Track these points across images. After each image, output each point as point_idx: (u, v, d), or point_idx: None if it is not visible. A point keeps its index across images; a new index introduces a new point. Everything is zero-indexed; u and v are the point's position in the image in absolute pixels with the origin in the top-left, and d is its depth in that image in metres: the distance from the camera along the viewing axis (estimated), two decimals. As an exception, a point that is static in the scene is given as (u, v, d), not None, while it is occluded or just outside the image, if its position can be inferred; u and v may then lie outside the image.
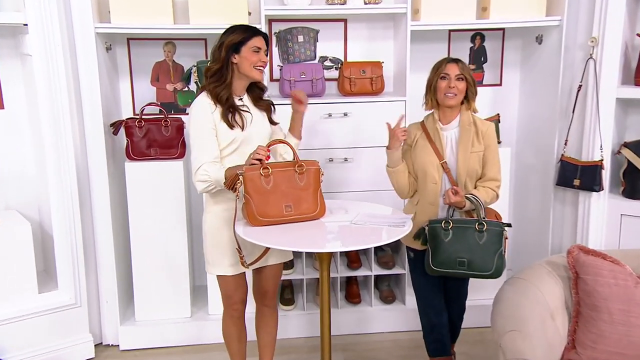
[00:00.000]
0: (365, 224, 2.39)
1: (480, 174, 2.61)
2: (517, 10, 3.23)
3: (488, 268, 2.48)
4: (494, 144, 2.61)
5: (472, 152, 2.56)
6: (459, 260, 2.48)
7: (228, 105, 2.44)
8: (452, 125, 2.60)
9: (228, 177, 2.34)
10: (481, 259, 2.47)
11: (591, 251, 2.47)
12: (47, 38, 2.90)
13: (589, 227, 3.17)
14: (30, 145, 3.26)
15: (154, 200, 3.21)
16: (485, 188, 2.59)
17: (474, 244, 2.47)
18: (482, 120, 2.63)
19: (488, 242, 2.47)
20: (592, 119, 3.09)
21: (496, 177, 2.61)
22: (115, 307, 3.26)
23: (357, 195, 3.32)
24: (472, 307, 3.28)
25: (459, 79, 2.53)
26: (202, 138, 2.42)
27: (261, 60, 2.45)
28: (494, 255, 2.47)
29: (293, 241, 2.30)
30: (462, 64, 2.55)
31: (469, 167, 2.57)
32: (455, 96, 2.54)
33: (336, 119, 3.27)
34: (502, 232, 2.48)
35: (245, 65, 2.44)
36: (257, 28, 2.49)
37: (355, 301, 3.50)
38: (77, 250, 3.10)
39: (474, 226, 2.48)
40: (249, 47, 2.42)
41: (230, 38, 2.42)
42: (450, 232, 2.48)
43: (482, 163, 2.59)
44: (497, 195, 2.63)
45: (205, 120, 2.42)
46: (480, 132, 2.58)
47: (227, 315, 2.67)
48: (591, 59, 3.06)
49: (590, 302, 2.40)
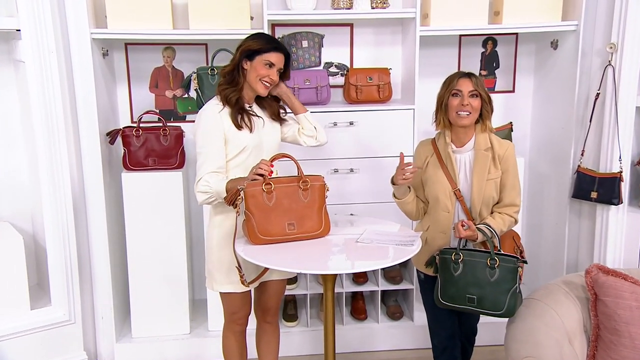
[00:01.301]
0: (372, 242, 2.29)
1: (497, 199, 2.44)
2: (531, 14, 3.14)
3: (499, 308, 2.31)
4: (514, 167, 2.41)
5: (489, 180, 2.38)
6: (469, 296, 2.32)
7: (238, 108, 2.37)
8: (466, 148, 2.41)
9: (229, 190, 2.25)
10: (492, 296, 2.30)
11: (611, 271, 2.38)
12: (41, 44, 2.80)
13: (606, 243, 3.07)
14: (24, 155, 3.18)
15: (152, 212, 3.13)
16: (501, 215, 2.42)
17: (485, 281, 2.30)
18: (500, 142, 2.43)
19: (500, 279, 2.29)
20: (610, 129, 2.99)
21: (514, 202, 2.42)
22: (111, 323, 3.18)
23: (363, 207, 3.25)
24: (484, 324, 3.19)
25: (472, 95, 2.34)
26: (208, 145, 2.33)
27: (269, 76, 2.36)
28: (507, 293, 2.29)
29: (295, 261, 2.20)
30: (476, 78, 2.37)
31: (484, 196, 2.39)
32: (469, 115, 2.34)
33: (342, 128, 3.19)
34: (516, 269, 2.29)
35: (252, 75, 2.37)
36: (282, 45, 2.41)
37: (361, 317, 3.41)
38: (72, 264, 3.01)
39: (485, 261, 2.30)
40: (263, 59, 2.35)
41: (249, 44, 2.36)
42: (460, 266, 2.32)
43: (499, 188, 2.42)
44: (516, 220, 2.45)
45: (213, 126, 2.34)
46: (497, 156, 2.39)
47: (228, 330, 2.59)
48: (610, 66, 2.96)
49: (610, 325, 2.31)
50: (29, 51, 2.79)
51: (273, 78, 2.37)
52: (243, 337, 2.61)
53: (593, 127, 3.07)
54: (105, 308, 3.16)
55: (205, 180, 2.29)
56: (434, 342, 2.66)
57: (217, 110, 2.36)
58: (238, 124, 2.34)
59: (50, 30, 2.80)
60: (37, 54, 2.80)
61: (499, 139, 2.45)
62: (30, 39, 2.77)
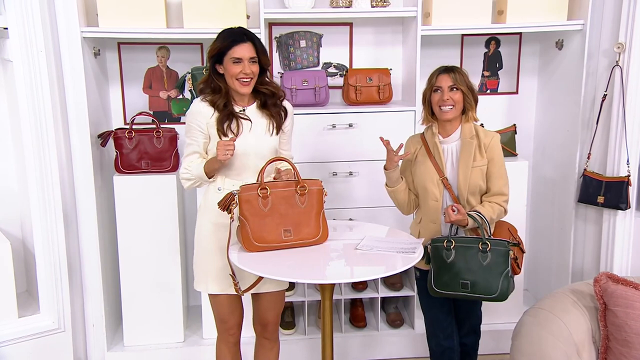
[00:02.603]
0: (372, 249, 2.21)
1: (485, 188, 2.49)
2: (535, 13, 3.07)
3: (492, 290, 2.32)
4: (499, 156, 2.48)
5: (475, 167, 2.44)
6: (462, 282, 2.34)
7: (227, 112, 2.30)
8: (452, 138, 2.49)
9: (208, 172, 2.31)
10: (485, 280, 2.33)
11: (621, 280, 2.31)
12: (29, 43, 2.72)
13: (613, 249, 3.00)
14: (12, 157, 3.11)
15: (144, 216, 3.06)
16: (490, 203, 2.46)
17: (478, 265, 2.33)
18: (486, 132, 2.51)
19: (492, 262, 2.32)
20: (617, 131, 2.92)
21: (502, 191, 2.47)
22: (102, 331, 3.10)
23: (362, 212, 3.18)
24: (488, 332, 3.15)
25: (452, 89, 2.42)
26: (190, 139, 2.37)
27: (243, 72, 2.26)
28: (499, 276, 2.32)
29: (291, 270, 2.12)
30: (456, 73, 2.44)
31: (470, 183, 2.45)
32: (452, 109, 2.42)
33: (340, 130, 3.12)
34: (507, 252, 2.33)
35: (227, 78, 2.30)
36: (243, 33, 2.30)
37: (360, 325, 3.33)
38: (61, 271, 2.93)
39: (477, 246, 2.34)
40: (229, 58, 2.26)
41: (211, 47, 2.30)
42: (452, 252, 2.36)
43: (485, 177, 2.47)
44: (505, 210, 2.49)
45: (195, 123, 2.34)
46: (483, 144, 2.46)
47: (221, 341, 2.52)
48: (617, 67, 2.89)
49: (620, 336, 2.24)
50: (17, 50, 2.71)
51: (247, 72, 2.27)
52: (237, 348, 2.54)
53: (600, 130, 3.01)
54: (96, 315, 3.08)
55: (185, 167, 2.35)
56: (431, 345, 2.65)
57: (204, 109, 2.32)
58: (224, 132, 2.29)
59: (39, 28, 2.71)
60: (26, 53, 2.72)
61: (484, 129, 2.52)
62: (18, 37, 2.70)
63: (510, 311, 3.17)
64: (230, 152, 2.19)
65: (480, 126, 2.53)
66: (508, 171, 2.46)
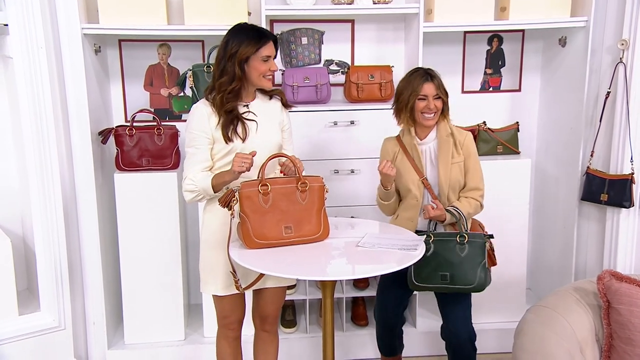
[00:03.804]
0: (373, 246, 2.20)
1: (463, 183, 2.59)
2: (539, 10, 3.06)
3: (470, 281, 2.42)
4: (474, 153, 2.59)
5: (453, 164, 2.54)
6: (442, 274, 2.44)
7: (232, 117, 2.27)
8: (429, 139, 2.58)
9: (214, 186, 2.22)
10: (463, 272, 2.42)
11: (625, 277, 2.29)
12: (30, 39, 2.71)
13: (617, 247, 2.99)
14: (13, 155, 3.10)
15: (145, 214, 3.05)
16: (467, 199, 2.56)
17: (456, 258, 2.43)
18: (460, 130, 2.61)
19: (470, 254, 2.43)
20: (621, 129, 2.91)
21: (478, 186, 2.58)
22: (103, 329, 3.10)
23: (364, 209, 3.16)
24: (490, 331, 3.12)
25: (436, 98, 2.50)
26: (195, 147, 2.29)
27: (270, 70, 2.28)
28: (477, 268, 2.42)
29: (292, 266, 2.11)
30: (437, 80, 2.52)
31: (451, 179, 2.54)
32: (434, 115, 2.52)
33: (342, 127, 3.11)
34: (484, 244, 2.44)
35: (254, 76, 2.28)
36: (266, 32, 2.31)
37: (361, 323, 3.32)
38: (62, 268, 2.92)
39: (455, 239, 2.44)
40: (259, 57, 2.25)
41: (243, 51, 2.23)
42: (431, 246, 2.44)
43: (463, 173, 2.57)
44: (481, 205, 2.60)
45: (201, 129, 2.29)
46: (458, 142, 2.56)
47: (221, 336, 2.52)
48: (621, 63, 2.88)
49: (624, 335, 2.21)
50: (17, 46, 2.70)
51: (274, 69, 2.30)
52: (237, 343, 2.53)
53: (603, 127, 3.00)
54: (97, 313, 3.08)
55: (190, 179, 2.27)
56: (376, 319, 2.76)
57: (206, 113, 2.29)
58: (228, 137, 2.26)
59: (39, 24, 2.70)
60: (26, 50, 2.70)
61: (457, 128, 2.61)
62: (18, 33, 2.68)
63: (512, 310, 3.16)
64: (246, 165, 2.13)
65: (452, 124, 2.60)
66: (510, 169, 2.53)
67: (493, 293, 2.89)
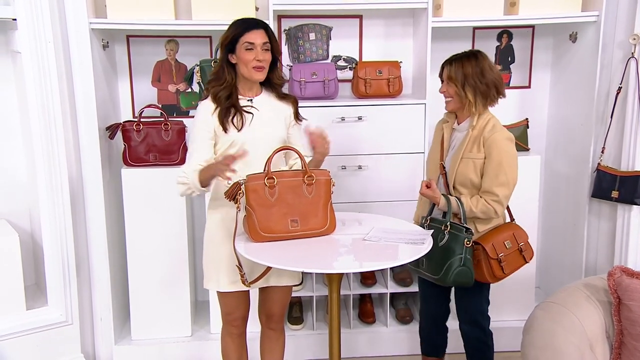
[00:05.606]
0: (380, 240, 2.19)
1: (478, 183, 2.46)
2: (549, 5, 3.04)
3: (437, 272, 2.38)
4: (496, 155, 2.40)
5: (467, 158, 2.44)
6: (421, 259, 2.32)
7: (228, 105, 2.28)
8: (462, 127, 2.52)
9: (203, 180, 2.21)
10: (435, 261, 2.38)
11: (635, 273, 2.27)
12: (38, 34, 2.71)
13: (628, 244, 2.95)
14: (21, 150, 3.11)
15: (152, 209, 3.05)
16: (477, 197, 2.45)
17: (435, 245, 2.31)
18: (495, 127, 2.44)
19: (447, 245, 2.36)
20: (633, 125, 2.88)
21: (491, 191, 2.41)
22: (110, 324, 3.10)
23: (372, 206, 3.15)
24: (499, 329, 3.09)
25: (448, 83, 2.47)
26: (195, 142, 2.32)
27: (256, 59, 2.24)
28: (448, 260, 2.34)
29: (299, 259, 2.11)
30: (450, 66, 2.45)
31: (458, 172, 2.46)
32: (451, 100, 2.49)
33: (350, 123, 3.09)
34: (463, 240, 2.34)
35: (242, 67, 2.27)
36: (255, 20, 2.31)
37: (369, 321, 3.31)
38: (69, 263, 2.92)
39: (441, 227, 2.40)
40: (242, 45, 2.24)
41: (224, 36, 2.28)
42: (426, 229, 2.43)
43: (480, 172, 2.45)
44: (495, 210, 2.42)
45: (202, 124, 2.31)
46: (482, 138, 2.43)
47: (225, 332, 2.52)
48: (633, 59, 2.85)
49: (634, 331, 2.19)
50: (25, 41, 2.70)
51: (261, 58, 2.25)
52: (242, 340, 2.53)
53: (614, 124, 2.97)
54: (104, 309, 3.08)
55: (183, 171, 2.27)
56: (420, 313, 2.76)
57: (210, 108, 2.30)
58: (224, 125, 2.27)
59: (47, 19, 2.71)
60: (34, 45, 2.71)
61: (496, 126, 2.45)
62: (26, 28, 2.68)
63: (521, 308, 3.13)
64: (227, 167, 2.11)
65: (496, 121, 2.47)
66: (520, 166, 2.42)
67: (501, 291, 2.87)
